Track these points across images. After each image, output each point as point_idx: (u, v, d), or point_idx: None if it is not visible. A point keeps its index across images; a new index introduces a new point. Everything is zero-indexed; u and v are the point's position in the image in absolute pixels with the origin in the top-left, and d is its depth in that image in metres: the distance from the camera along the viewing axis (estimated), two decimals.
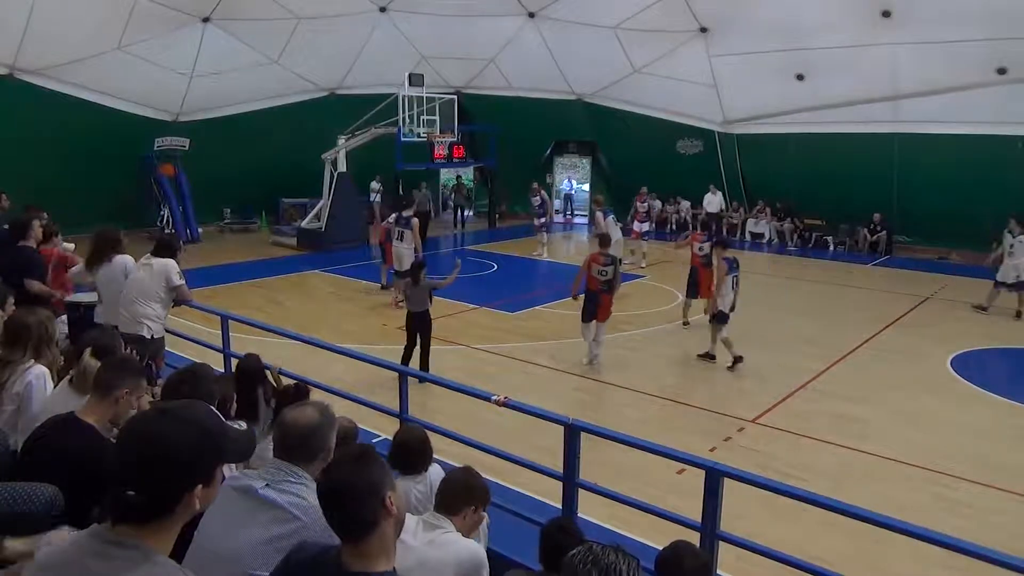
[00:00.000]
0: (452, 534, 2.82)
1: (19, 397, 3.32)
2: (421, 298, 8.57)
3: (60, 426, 2.76)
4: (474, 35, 19.35)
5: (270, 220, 20.99)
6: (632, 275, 15.10)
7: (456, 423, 5.44)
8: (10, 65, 14.95)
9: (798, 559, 3.26)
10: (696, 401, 8.11)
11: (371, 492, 1.81)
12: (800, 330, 11.21)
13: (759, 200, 20.48)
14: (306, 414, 2.41)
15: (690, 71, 18.25)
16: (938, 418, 7.86)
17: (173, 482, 1.54)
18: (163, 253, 6.12)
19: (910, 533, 2.99)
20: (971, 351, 10.30)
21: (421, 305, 8.56)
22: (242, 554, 2.13)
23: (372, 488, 1.82)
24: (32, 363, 3.43)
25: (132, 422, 1.66)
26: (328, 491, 1.86)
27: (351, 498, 1.81)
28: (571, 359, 9.57)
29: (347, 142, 17.93)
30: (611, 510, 4.90)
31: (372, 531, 1.81)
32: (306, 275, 15.01)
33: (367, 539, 1.80)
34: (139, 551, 1.52)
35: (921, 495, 6.12)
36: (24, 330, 3.48)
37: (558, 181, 24.85)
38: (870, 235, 18.53)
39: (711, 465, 3.46)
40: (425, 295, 8.64)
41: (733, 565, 4.35)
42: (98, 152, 16.60)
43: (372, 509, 1.81)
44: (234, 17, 16.23)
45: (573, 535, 2.88)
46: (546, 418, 4.10)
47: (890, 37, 15.10)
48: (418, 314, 8.54)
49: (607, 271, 9.14)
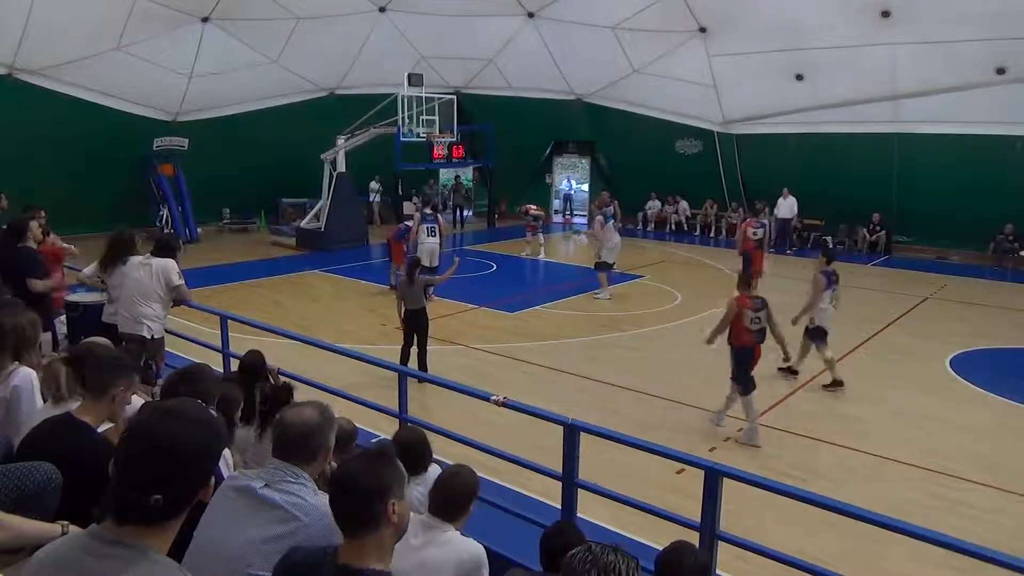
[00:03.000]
0: (451, 533, 2.82)
1: (5, 402, 3.29)
2: (417, 295, 8.58)
3: (57, 427, 2.75)
4: (473, 35, 19.35)
5: (269, 220, 20.98)
6: (632, 275, 15.11)
7: (456, 423, 5.44)
8: (9, 65, 14.94)
9: (798, 559, 3.26)
10: (696, 401, 8.10)
11: (376, 492, 1.85)
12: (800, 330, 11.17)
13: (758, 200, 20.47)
14: (305, 414, 2.40)
15: (689, 71, 18.25)
16: (938, 418, 7.86)
17: (195, 481, 1.60)
18: (163, 253, 6.11)
19: (910, 533, 2.99)
20: (971, 351, 10.29)
21: (418, 303, 8.57)
22: (242, 554, 2.13)
23: (378, 489, 1.86)
24: (17, 366, 3.39)
25: (140, 425, 1.63)
26: (337, 479, 1.91)
27: (355, 492, 1.85)
28: (571, 359, 9.56)
29: (346, 142, 17.93)
30: (611, 510, 4.90)
31: (370, 530, 1.84)
32: (305, 275, 15.00)
33: (364, 537, 1.84)
34: (138, 550, 1.53)
35: (921, 495, 6.11)
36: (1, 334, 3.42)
37: (557, 181, 24.86)
38: (870, 235, 18.53)
39: (711, 465, 3.46)
40: (421, 292, 8.67)
41: (733, 565, 4.35)
42: (97, 152, 16.60)
43: (373, 509, 1.84)
44: (233, 17, 16.23)
45: (574, 538, 2.88)
46: (546, 418, 4.10)
47: (890, 37, 15.10)
48: (415, 312, 8.55)
49: (760, 317, 7.17)
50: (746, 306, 7.12)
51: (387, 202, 22.72)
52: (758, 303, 7.16)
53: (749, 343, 7.15)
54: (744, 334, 7.13)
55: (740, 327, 7.13)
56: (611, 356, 9.74)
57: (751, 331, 7.12)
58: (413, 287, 8.55)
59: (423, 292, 8.78)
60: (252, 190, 20.17)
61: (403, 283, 8.75)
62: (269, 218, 21.11)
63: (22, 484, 2.37)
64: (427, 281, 8.89)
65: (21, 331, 3.49)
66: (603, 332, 10.94)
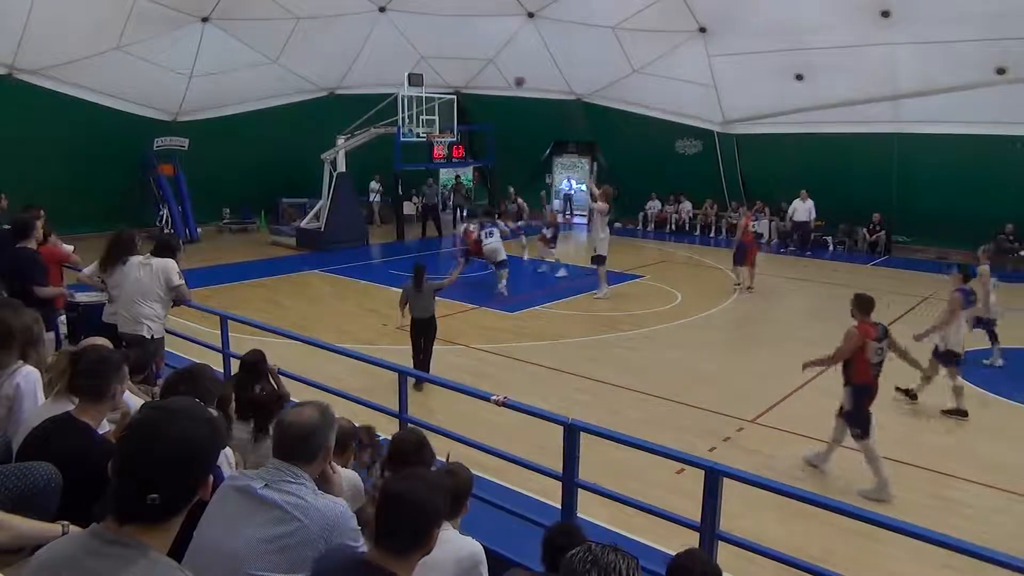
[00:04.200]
0: (450, 532, 2.82)
1: (9, 400, 3.30)
2: (426, 304, 8.27)
3: (57, 427, 2.75)
4: (473, 35, 19.35)
5: (269, 220, 20.98)
6: (632, 275, 15.12)
7: (456, 423, 5.44)
8: (9, 65, 14.93)
9: (798, 559, 3.26)
10: (696, 401, 8.10)
11: (434, 521, 2.09)
12: (799, 330, 11.20)
13: (758, 200, 20.48)
14: (305, 414, 2.40)
15: (689, 71, 18.26)
16: (938, 418, 7.86)
17: (193, 480, 1.60)
18: (163, 253, 6.10)
19: (910, 533, 2.99)
20: (971, 351, 10.26)
21: (427, 311, 8.26)
22: (241, 554, 2.13)
23: (435, 518, 2.10)
24: (20, 364, 3.40)
25: (138, 425, 1.63)
26: (399, 494, 2.09)
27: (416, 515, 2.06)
28: (571, 359, 9.56)
29: (346, 142, 17.93)
30: (611, 510, 4.90)
31: (415, 550, 2.06)
32: (305, 275, 15.00)
33: (409, 555, 2.05)
34: (138, 549, 1.53)
35: (921, 495, 6.12)
36: (8, 333, 3.43)
37: (557, 181, 24.85)
38: (869, 235, 18.53)
39: (710, 465, 3.46)
40: (430, 299, 8.33)
41: (733, 565, 4.34)
42: (97, 152, 16.60)
43: (425, 533, 2.07)
44: (233, 17, 16.22)
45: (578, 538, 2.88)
46: (546, 418, 4.10)
47: (889, 37, 15.10)
48: (424, 320, 8.24)
49: (883, 347, 6.21)
50: (870, 336, 6.08)
51: (387, 202, 22.69)
52: (880, 331, 6.18)
53: (870, 379, 6.13)
54: (865, 369, 6.10)
55: (862, 361, 6.10)
56: (611, 356, 9.73)
57: (872, 364, 6.14)
58: (422, 293, 8.22)
59: (432, 299, 8.39)
60: (252, 190, 20.17)
61: (409, 289, 8.35)
62: (269, 218, 21.10)
63: (22, 484, 2.37)
64: (435, 286, 8.49)
65: (27, 330, 3.51)
66: (603, 332, 10.94)
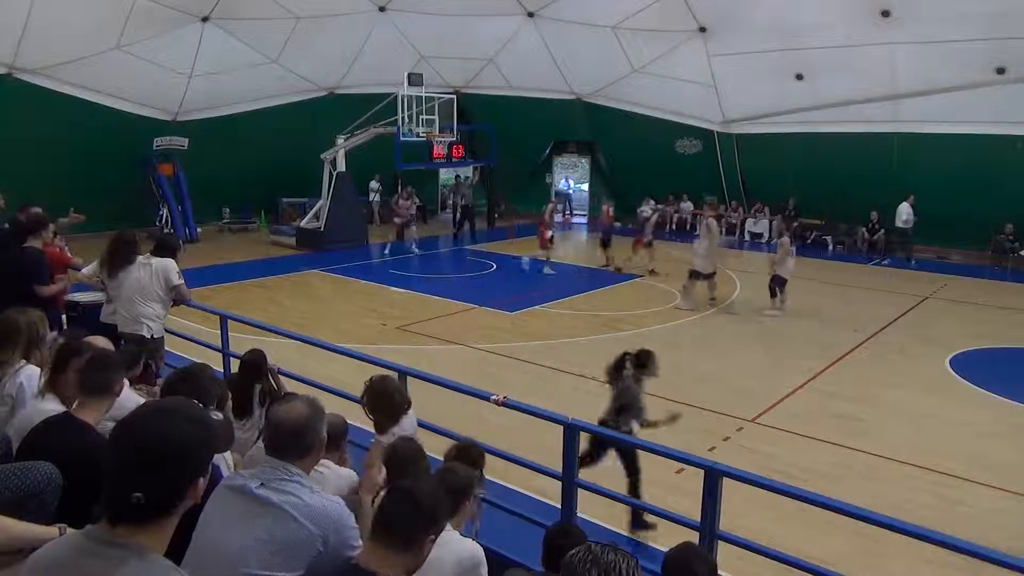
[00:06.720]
0: (450, 532, 2.81)
1: (11, 399, 3.30)
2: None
3: (57, 426, 2.75)
4: (473, 35, 19.33)
5: (269, 220, 20.98)
6: (631, 275, 15.13)
7: (456, 423, 5.43)
8: (9, 65, 14.92)
9: (798, 559, 3.26)
10: (696, 401, 8.09)
11: (433, 526, 2.13)
12: (799, 330, 11.21)
13: (757, 200, 20.49)
14: (296, 408, 2.40)
15: (689, 71, 18.24)
16: (938, 418, 7.86)
17: (180, 480, 1.57)
18: (163, 253, 6.09)
19: (910, 533, 2.99)
20: (971, 351, 10.29)
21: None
22: (239, 554, 2.12)
23: (435, 523, 2.15)
24: (23, 363, 3.41)
25: (128, 424, 1.62)
26: (410, 495, 2.13)
27: (415, 515, 2.09)
28: (571, 359, 9.55)
29: (346, 142, 17.92)
30: (611, 510, 4.90)
31: (412, 547, 2.09)
32: (305, 275, 15.00)
33: (404, 551, 2.07)
34: (133, 550, 1.52)
35: (921, 495, 6.11)
36: (14, 331, 3.45)
37: (557, 181, 24.85)
38: (869, 235, 18.53)
39: (710, 465, 3.45)
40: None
41: (733, 565, 4.34)
42: (97, 152, 16.57)
43: (424, 532, 2.10)
44: (233, 17, 16.21)
45: (575, 538, 2.87)
46: (546, 418, 4.10)
47: (889, 37, 15.09)
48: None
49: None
50: None
51: (387, 202, 22.70)
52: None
53: None
54: None
55: None
56: (611, 356, 9.68)
57: None
58: None
59: None
60: (252, 190, 20.16)
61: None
62: (269, 218, 21.10)
63: (22, 484, 2.37)
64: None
65: (33, 329, 3.53)
66: (603, 332, 10.94)
